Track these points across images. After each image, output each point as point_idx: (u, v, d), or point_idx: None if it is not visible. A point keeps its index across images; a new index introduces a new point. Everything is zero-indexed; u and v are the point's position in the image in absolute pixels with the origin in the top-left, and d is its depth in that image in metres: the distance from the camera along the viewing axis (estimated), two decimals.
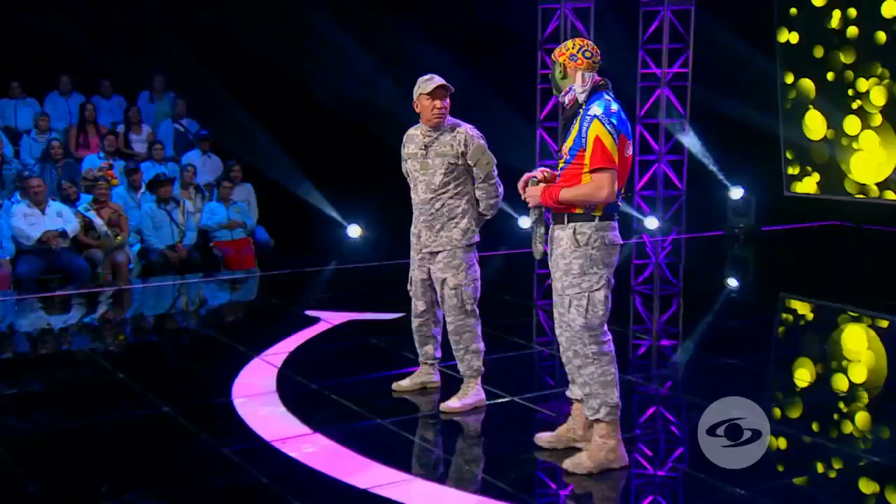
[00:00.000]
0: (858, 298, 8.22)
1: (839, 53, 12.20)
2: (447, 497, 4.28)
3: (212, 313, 8.35)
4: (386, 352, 6.55)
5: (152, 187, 9.96)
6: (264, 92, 11.35)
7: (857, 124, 12.08)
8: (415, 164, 5.27)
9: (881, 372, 6.49)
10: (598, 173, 4.18)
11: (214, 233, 10.12)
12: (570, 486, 4.36)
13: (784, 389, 6.01)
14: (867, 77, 11.88)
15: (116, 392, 5.71)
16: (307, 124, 11.57)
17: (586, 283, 4.30)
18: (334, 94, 11.75)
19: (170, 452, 4.81)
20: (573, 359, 4.39)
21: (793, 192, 12.80)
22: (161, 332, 7.60)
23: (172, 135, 11.80)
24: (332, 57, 11.80)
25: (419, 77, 5.25)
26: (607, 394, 4.37)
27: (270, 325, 7.41)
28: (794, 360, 6.59)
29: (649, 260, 10.83)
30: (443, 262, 5.23)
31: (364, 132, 11.28)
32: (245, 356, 6.37)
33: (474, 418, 5.25)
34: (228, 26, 11.40)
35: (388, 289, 8.70)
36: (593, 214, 4.28)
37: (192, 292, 9.11)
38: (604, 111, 4.20)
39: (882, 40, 11.66)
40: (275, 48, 11.33)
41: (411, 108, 5.24)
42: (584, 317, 4.30)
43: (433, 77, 5.20)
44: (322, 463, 4.58)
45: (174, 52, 11.45)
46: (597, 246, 4.30)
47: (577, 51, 4.31)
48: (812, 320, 8.14)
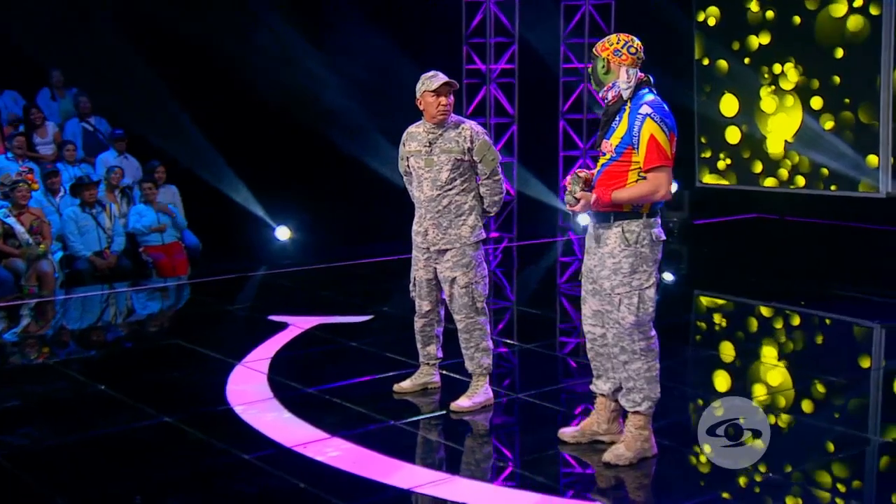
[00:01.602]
0: (786, 292, 8.64)
1: (755, 37, 12.86)
2: (497, 494, 4.48)
3: (170, 321, 8.30)
4: (370, 354, 6.69)
5: (75, 191, 9.79)
6: (186, 83, 11.16)
7: (772, 104, 12.75)
8: (419, 161, 5.43)
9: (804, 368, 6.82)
10: (654, 172, 4.41)
11: (143, 237, 10.01)
12: (609, 475, 4.62)
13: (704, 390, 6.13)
14: (782, 61, 12.55)
15: (105, 404, 5.71)
16: (236, 118, 11.40)
17: (637, 281, 4.54)
18: (267, 84, 11.61)
19: (189, 461, 4.87)
20: (619, 354, 4.63)
21: (707, 183, 13.42)
22: (125, 342, 7.58)
23: (81, 135, 11.57)
24: (264, 43, 11.66)
25: (422, 74, 5.44)
26: (651, 388, 4.64)
27: (237, 331, 7.46)
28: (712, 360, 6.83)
29: (577, 258, 11.18)
30: (451, 260, 5.42)
31: (295, 124, 11.28)
32: (225, 363, 6.42)
33: (485, 416, 5.46)
34: (138, 12, 11.19)
35: (346, 291, 8.86)
36: (641, 212, 4.52)
37: (139, 300, 9.03)
38: (655, 109, 4.42)
39: (797, 23, 12.35)
40: (197, 34, 11.06)
41: (351, 101, 5.40)
42: (636, 314, 4.55)
43: (437, 74, 5.39)
44: (354, 465, 4.72)
45: (76, 43, 11.14)
46: (646, 244, 4.53)
47: (621, 46, 4.53)
48: (732, 317, 8.51)
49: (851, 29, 11.81)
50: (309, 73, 11.60)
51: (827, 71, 12.12)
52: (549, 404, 5.69)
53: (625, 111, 4.53)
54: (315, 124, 11.66)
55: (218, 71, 11.26)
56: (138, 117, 11.12)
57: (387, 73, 11.58)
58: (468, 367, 5.56)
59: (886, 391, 6.16)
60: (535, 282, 10.10)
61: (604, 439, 4.93)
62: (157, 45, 11.11)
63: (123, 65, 11.21)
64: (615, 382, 4.84)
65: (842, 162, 12.08)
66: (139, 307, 8.79)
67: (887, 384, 6.27)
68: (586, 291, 4.83)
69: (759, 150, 13.00)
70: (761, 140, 12.93)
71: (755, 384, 6.21)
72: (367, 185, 11.88)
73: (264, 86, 11.49)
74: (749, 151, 13.10)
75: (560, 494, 4.43)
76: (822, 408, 5.71)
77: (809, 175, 12.52)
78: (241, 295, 9.04)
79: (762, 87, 12.79)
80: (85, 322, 8.28)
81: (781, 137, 12.67)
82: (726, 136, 13.34)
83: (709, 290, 9.22)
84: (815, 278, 9.37)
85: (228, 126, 11.28)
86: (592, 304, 4.80)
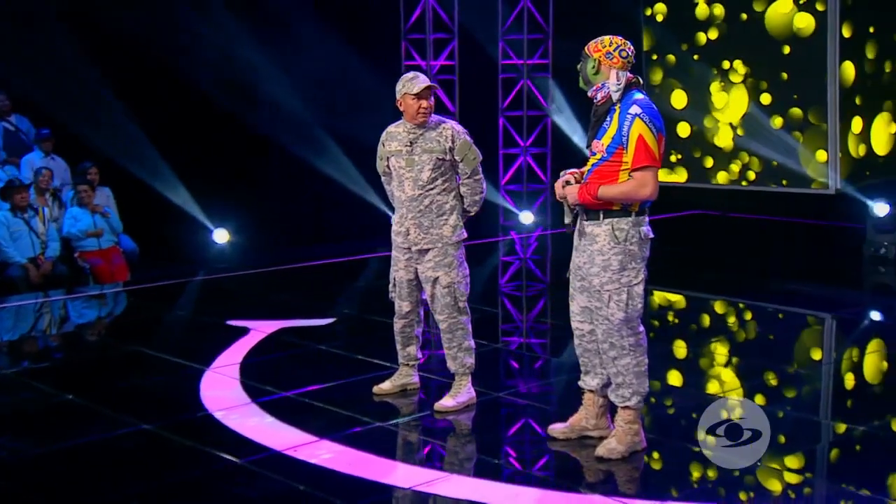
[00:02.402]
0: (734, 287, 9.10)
1: (703, 34, 13.27)
2: (498, 490, 4.70)
3: (126, 328, 8.29)
4: (340, 357, 6.87)
5: (5, 194, 9.73)
6: (121, 77, 10.98)
7: (721, 99, 13.17)
8: (399, 160, 5.64)
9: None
10: (641, 171, 4.70)
11: (79, 243, 9.98)
12: (601, 469, 4.89)
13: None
14: (731, 58, 12.97)
15: (78, 414, 5.79)
16: (175, 114, 11.28)
17: (626, 279, 4.83)
18: (206, 77, 11.56)
19: (181, 467, 5.00)
20: (609, 350, 4.90)
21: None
22: (83, 350, 7.62)
23: (2, 135, 11.46)
24: (206, 35, 11.57)
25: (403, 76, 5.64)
26: (640, 383, 4.93)
27: (198, 337, 7.56)
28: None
29: (517, 257, 11.46)
30: (433, 260, 5.63)
31: (238, 122, 11.29)
32: (193, 369, 6.54)
33: (469, 416, 5.68)
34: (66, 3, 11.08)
35: (299, 294, 8.99)
36: (630, 210, 4.80)
37: (89, 307, 9.06)
38: (644, 110, 4.71)
39: (745, 19, 12.79)
40: (131, 24, 10.87)
41: (294, 96, 5.56)
42: (625, 311, 4.83)
43: (418, 76, 5.60)
44: (350, 467, 4.91)
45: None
46: (634, 241, 4.82)
47: (614, 49, 4.80)
48: (683, 312, 8.93)
49: (798, 25, 12.28)
50: (252, 68, 11.62)
51: (775, 67, 12.57)
52: (534, 403, 5.95)
53: (615, 112, 4.81)
54: (257, 121, 11.68)
55: (155, 64, 11.11)
56: (65, 115, 10.93)
57: (331, 68, 11.71)
58: (450, 366, 5.78)
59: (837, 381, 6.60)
60: (478, 283, 10.34)
61: (592, 434, 5.20)
62: (87, 36, 10.83)
63: (48, 58, 10.92)
64: (603, 378, 5.11)
65: (791, 157, 12.54)
66: (89, 315, 8.81)
67: (835, 374, 6.71)
68: (574, 289, 5.09)
69: (709, 145, 13.39)
70: (712, 134, 13.29)
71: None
72: (310, 185, 12.00)
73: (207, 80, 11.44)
74: (699, 149, 13.49)
75: (558, 489, 4.68)
76: (773, 398, 6.09)
77: (760, 172, 12.96)
78: (191, 300, 9.12)
79: (712, 83, 13.19)
80: (36, 331, 8.28)
81: (730, 133, 13.09)
82: (677, 131, 13.76)
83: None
84: (742, 272, 9.91)
85: (166, 123, 11.19)
86: (580, 300, 5.07)
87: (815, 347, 7.67)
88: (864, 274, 10.25)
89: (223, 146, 11.51)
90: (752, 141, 12.92)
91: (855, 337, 7.84)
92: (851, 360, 7.14)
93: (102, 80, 11.02)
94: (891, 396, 6.31)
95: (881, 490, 4.69)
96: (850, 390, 6.47)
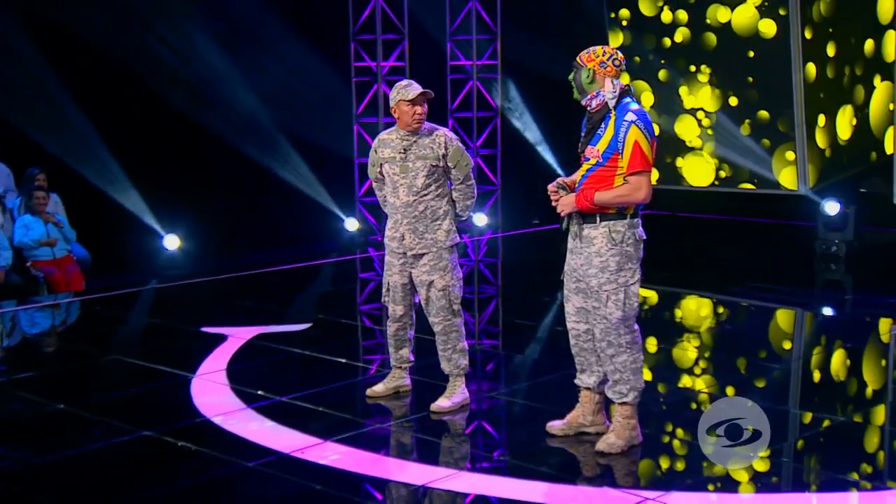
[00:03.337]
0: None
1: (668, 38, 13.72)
2: (509, 485, 5.08)
3: (99, 337, 8.37)
4: (324, 361, 7.19)
5: None
6: (72, 76, 10.99)
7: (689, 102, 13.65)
8: (393, 167, 6.00)
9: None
10: (636, 176, 5.13)
11: (32, 251, 10.10)
12: (604, 463, 5.30)
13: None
14: (697, 62, 13.44)
15: (73, 422, 6.02)
16: (125, 114, 11.32)
17: (623, 279, 5.25)
18: (158, 77, 11.66)
19: (191, 471, 5.28)
20: (607, 349, 5.32)
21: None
22: (63, 360, 7.80)
23: None
24: (162, 35, 11.67)
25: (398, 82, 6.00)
26: (637, 379, 5.36)
27: (175, 344, 7.78)
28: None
29: (469, 259, 11.84)
30: (429, 264, 6.01)
31: (193, 124, 11.43)
32: (179, 377, 6.81)
33: (464, 416, 6.07)
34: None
35: (267, 300, 9.28)
36: (625, 213, 5.23)
37: (55, 316, 9.23)
38: (639, 117, 5.15)
39: (709, 23, 13.28)
40: (84, 21, 10.92)
41: (246, 97, 5.83)
42: (623, 309, 5.26)
43: (412, 83, 5.97)
44: (360, 467, 5.26)
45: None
46: (630, 243, 5.25)
47: (607, 58, 5.23)
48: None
49: (762, 29, 12.80)
50: (204, 69, 11.79)
51: (740, 71, 13.06)
52: (526, 402, 6.35)
53: (610, 118, 5.23)
54: (214, 123, 11.83)
55: (105, 63, 11.12)
56: (8, 115, 10.94)
57: (282, 70, 11.97)
58: (445, 368, 6.16)
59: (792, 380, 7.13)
60: None
61: (589, 431, 5.62)
62: (35, 33, 10.84)
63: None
64: (599, 375, 5.53)
65: (757, 159, 13.04)
66: (56, 324, 8.98)
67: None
68: (569, 290, 5.51)
69: (679, 146, 13.84)
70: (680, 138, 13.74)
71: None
72: (265, 189, 12.23)
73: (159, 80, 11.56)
74: (669, 154, 13.95)
75: (565, 482, 5.09)
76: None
77: (730, 173, 13.43)
78: (158, 308, 9.33)
79: (680, 86, 13.64)
80: (9, 341, 8.43)
81: (696, 134, 13.57)
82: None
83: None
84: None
85: (116, 124, 11.24)
86: (576, 301, 5.48)
87: (763, 346, 8.08)
88: (816, 272, 10.86)
89: (174, 148, 11.63)
90: (719, 145, 13.39)
91: (805, 333, 8.46)
92: (805, 356, 7.74)
93: (49, 77, 11.01)
94: (846, 388, 6.89)
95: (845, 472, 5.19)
96: (815, 383, 7.01)
